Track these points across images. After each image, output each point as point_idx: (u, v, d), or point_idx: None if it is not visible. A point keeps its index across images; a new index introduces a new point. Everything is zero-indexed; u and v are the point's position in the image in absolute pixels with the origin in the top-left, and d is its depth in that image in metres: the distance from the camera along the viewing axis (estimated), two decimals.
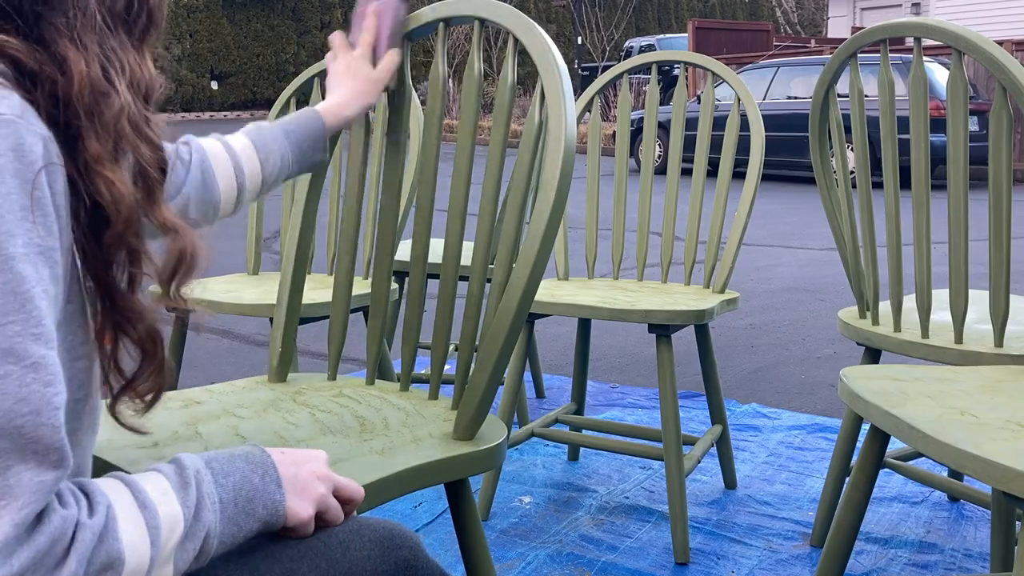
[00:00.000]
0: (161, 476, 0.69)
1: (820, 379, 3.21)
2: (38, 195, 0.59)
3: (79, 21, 0.67)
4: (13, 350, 0.56)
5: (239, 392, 1.28)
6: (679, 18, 29.00)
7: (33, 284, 0.58)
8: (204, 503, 0.69)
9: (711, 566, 1.83)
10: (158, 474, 0.69)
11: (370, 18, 1.26)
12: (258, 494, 0.74)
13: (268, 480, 0.75)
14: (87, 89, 0.66)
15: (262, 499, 0.74)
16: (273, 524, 0.76)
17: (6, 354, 0.56)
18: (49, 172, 0.61)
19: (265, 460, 0.76)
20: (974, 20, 16.90)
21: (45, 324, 0.59)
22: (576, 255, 5.79)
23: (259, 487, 0.74)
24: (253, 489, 0.74)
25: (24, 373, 0.57)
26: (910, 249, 5.95)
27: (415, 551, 0.82)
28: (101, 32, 0.69)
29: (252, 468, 0.75)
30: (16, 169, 0.58)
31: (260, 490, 0.74)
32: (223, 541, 0.71)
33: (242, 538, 0.73)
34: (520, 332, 1.09)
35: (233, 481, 0.73)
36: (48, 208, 0.60)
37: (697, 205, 2.19)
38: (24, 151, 0.59)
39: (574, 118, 1.11)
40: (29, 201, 0.58)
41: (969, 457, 0.97)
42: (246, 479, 0.74)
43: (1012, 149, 1.52)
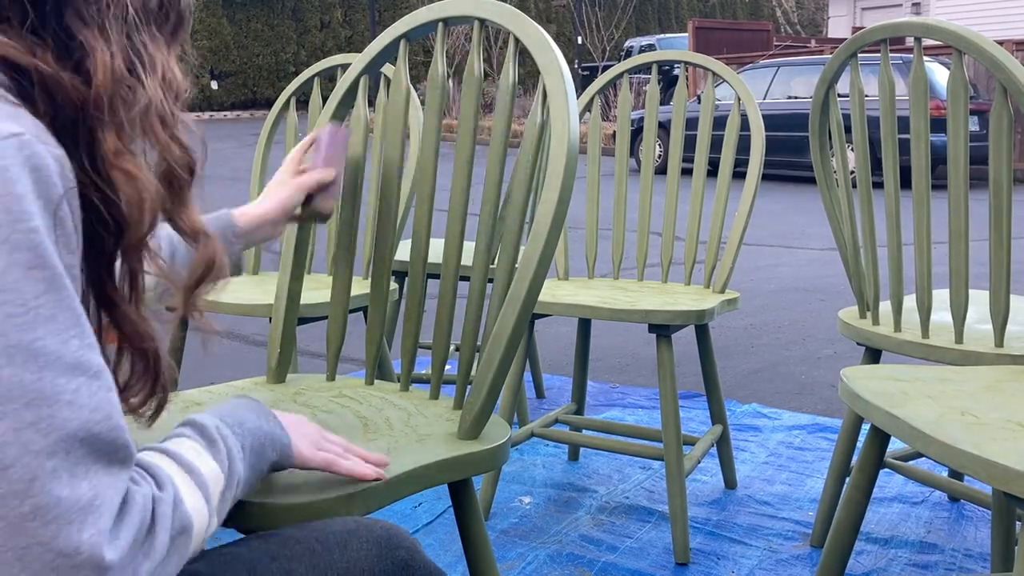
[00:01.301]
0: (188, 439, 0.74)
1: (820, 379, 3.21)
2: (60, 215, 0.60)
3: (110, 11, 0.67)
4: (79, 363, 0.59)
5: (239, 393, 1.28)
6: (679, 18, 29.00)
7: (75, 297, 0.60)
8: (233, 454, 0.76)
9: (711, 566, 1.83)
10: (184, 438, 0.74)
11: (304, 141, 1.27)
12: (267, 438, 0.82)
13: (274, 424, 0.84)
14: (110, 81, 0.66)
15: (271, 442, 0.83)
16: (281, 464, 0.85)
17: (74, 368, 0.58)
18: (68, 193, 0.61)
19: (262, 406, 0.85)
20: (974, 20, 16.90)
21: (92, 333, 0.61)
22: (576, 255, 5.79)
23: (267, 431, 0.82)
24: (264, 434, 0.82)
25: (91, 382, 0.59)
26: (910, 249, 5.95)
27: (412, 551, 0.83)
28: (132, 25, 0.69)
29: (257, 415, 0.83)
30: (38, 191, 0.58)
31: (268, 434, 0.82)
32: (247, 486, 0.79)
33: (256, 480, 0.81)
34: (524, 332, 1.09)
35: (247, 428, 0.80)
36: (69, 226, 0.61)
37: (697, 205, 2.19)
38: (44, 171, 0.59)
39: (577, 118, 1.11)
40: (53, 221, 0.59)
41: (969, 457, 0.97)
42: (257, 426, 0.81)
43: (1012, 149, 1.52)
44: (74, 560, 0.56)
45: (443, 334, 1.24)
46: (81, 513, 0.57)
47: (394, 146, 1.33)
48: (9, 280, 0.56)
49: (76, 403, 0.58)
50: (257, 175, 2.39)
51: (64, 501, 0.56)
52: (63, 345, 0.58)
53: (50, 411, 0.56)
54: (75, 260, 0.62)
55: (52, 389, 0.57)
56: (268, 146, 2.41)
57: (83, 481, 0.57)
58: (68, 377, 0.58)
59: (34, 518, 0.55)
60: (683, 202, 7.74)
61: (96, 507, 0.58)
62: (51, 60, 0.64)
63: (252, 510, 0.86)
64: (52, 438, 0.56)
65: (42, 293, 0.57)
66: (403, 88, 1.33)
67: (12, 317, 0.56)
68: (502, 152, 1.21)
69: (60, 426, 0.57)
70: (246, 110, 23.06)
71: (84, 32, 0.65)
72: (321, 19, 24.53)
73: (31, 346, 0.56)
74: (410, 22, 1.31)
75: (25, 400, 0.56)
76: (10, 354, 0.56)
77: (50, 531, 0.55)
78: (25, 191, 0.57)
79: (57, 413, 0.57)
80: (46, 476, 0.55)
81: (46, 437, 0.56)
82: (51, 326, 0.58)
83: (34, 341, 0.57)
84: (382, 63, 1.36)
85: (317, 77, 2.30)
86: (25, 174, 0.58)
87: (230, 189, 8.82)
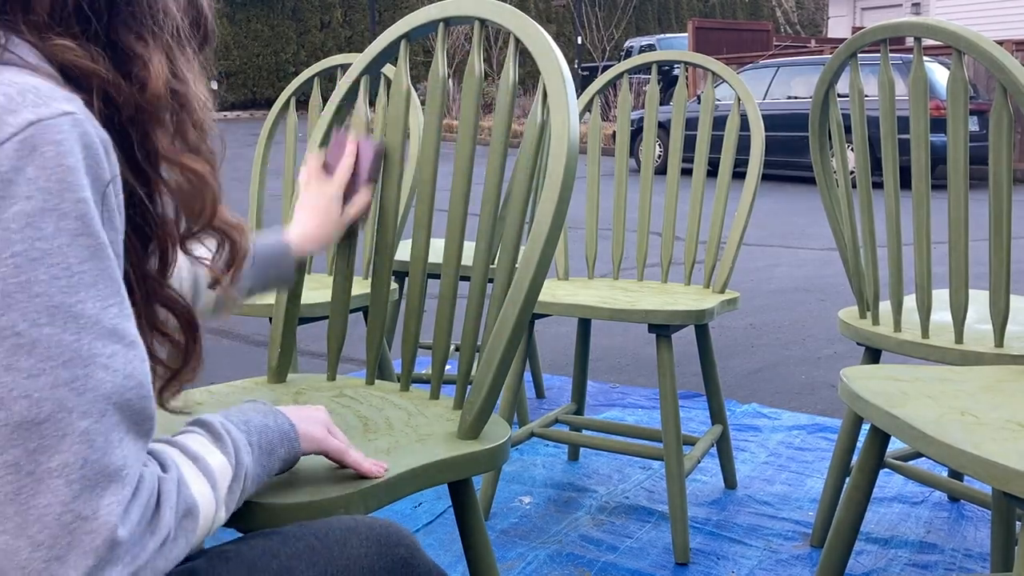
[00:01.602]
0: (195, 434, 0.77)
1: (820, 379, 3.21)
2: (107, 192, 0.63)
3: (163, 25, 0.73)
4: (116, 330, 0.62)
5: (239, 393, 1.28)
6: (679, 18, 29.00)
7: (117, 269, 0.63)
8: (240, 447, 0.78)
9: (711, 566, 1.83)
10: (192, 434, 0.77)
11: (348, 157, 1.26)
12: (275, 435, 0.84)
13: (280, 421, 0.86)
14: (164, 89, 0.71)
15: (279, 439, 0.85)
16: (290, 460, 0.87)
17: (111, 334, 0.61)
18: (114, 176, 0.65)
19: (269, 407, 0.87)
20: (974, 20, 16.90)
21: (130, 306, 0.64)
22: (576, 255, 5.79)
23: (274, 428, 0.84)
24: (270, 431, 0.84)
25: (127, 351, 0.62)
26: (910, 249, 5.95)
27: (412, 549, 0.83)
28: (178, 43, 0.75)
29: (263, 415, 0.85)
30: (88, 166, 0.62)
31: (275, 431, 0.84)
32: (255, 481, 0.81)
33: (266, 477, 0.83)
34: (525, 330, 1.09)
35: (253, 426, 0.82)
36: (112, 205, 0.64)
37: (697, 205, 2.19)
38: (94, 149, 0.63)
39: (577, 118, 1.11)
40: (100, 197, 0.63)
41: (969, 457, 0.97)
42: (263, 424, 0.84)
43: (1012, 149, 1.52)
44: (90, 524, 0.58)
45: (443, 334, 1.24)
46: (107, 479, 0.59)
47: (394, 146, 1.33)
48: (56, 244, 0.59)
49: (111, 367, 0.60)
50: (257, 175, 2.39)
51: (90, 463, 0.58)
52: (103, 311, 0.61)
53: (85, 371, 0.59)
54: (118, 238, 0.65)
55: (89, 351, 0.60)
56: (268, 146, 2.41)
57: (117, 448, 0.60)
58: (105, 341, 0.60)
59: (60, 474, 0.57)
60: (683, 202, 7.74)
61: (122, 477, 0.60)
62: (109, 66, 0.69)
63: (252, 510, 0.86)
64: (87, 398, 0.59)
65: (86, 259, 0.60)
66: (403, 88, 1.33)
67: (56, 279, 0.59)
68: (502, 152, 1.21)
69: (95, 387, 0.59)
70: (246, 110, 23.05)
71: (138, 44, 0.70)
72: (321, 19, 24.53)
73: (72, 308, 0.59)
74: (410, 22, 1.31)
75: (63, 359, 0.58)
76: (52, 313, 0.59)
77: (72, 491, 0.57)
78: (77, 164, 0.61)
79: (93, 374, 0.59)
80: (77, 436, 0.58)
81: (80, 396, 0.58)
82: (92, 291, 0.60)
83: (76, 304, 0.60)
84: (383, 63, 1.36)
85: (317, 77, 2.30)
86: (78, 149, 0.61)
87: (230, 189, 8.79)
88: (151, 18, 0.72)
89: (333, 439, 0.92)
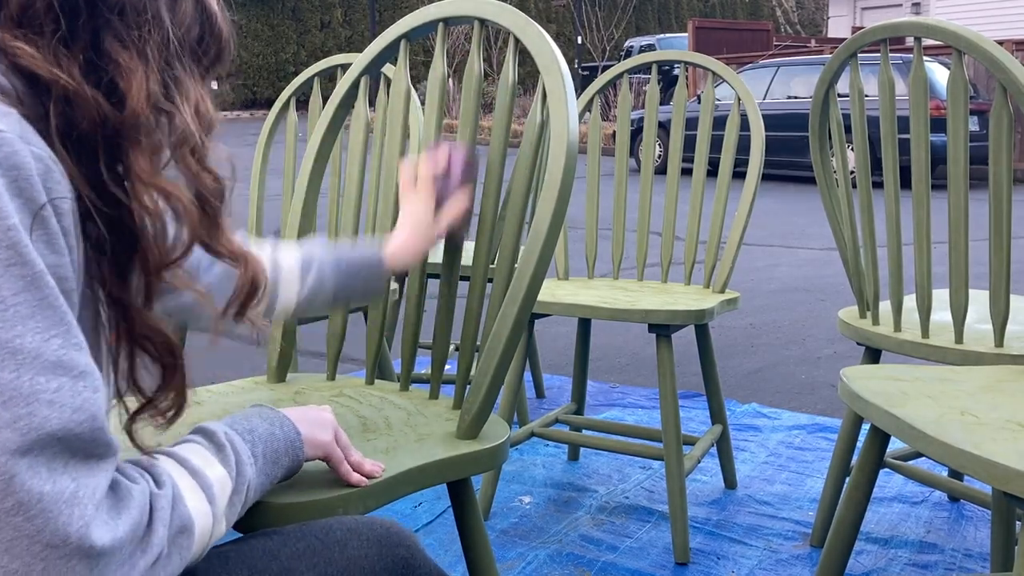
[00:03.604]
0: (196, 444, 0.75)
1: (820, 379, 3.21)
2: (43, 214, 0.59)
3: (152, 37, 0.67)
4: (61, 362, 0.58)
5: (239, 392, 1.28)
6: (679, 18, 29.00)
7: (59, 296, 0.59)
8: (242, 458, 0.77)
9: (711, 566, 1.83)
10: (192, 443, 0.75)
11: (435, 165, 1.21)
12: (280, 444, 0.83)
13: (286, 428, 0.85)
14: (145, 104, 0.66)
15: (285, 448, 0.84)
16: (293, 469, 0.86)
17: (55, 367, 0.58)
18: (54, 193, 0.60)
19: (276, 413, 0.86)
20: (974, 20, 16.90)
21: (79, 333, 0.61)
22: (576, 255, 5.79)
23: (280, 437, 0.83)
24: (275, 440, 0.83)
25: (75, 382, 0.58)
26: (910, 249, 5.95)
27: (412, 549, 0.83)
28: (172, 54, 0.70)
29: (269, 422, 0.84)
30: (15, 190, 0.58)
31: (281, 439, 0.83)
32: (257, 492, 0.80)
33: (269, 485, 0.82)
34: (524, 331, 1.09)
35: (258, 435, 0.81)
36: (52, 226, 0.60)
37: (697, 205, 2.19)
38: (22, 169, 0.58)
39: (576, 118, 1.11)
40: (31, 219, 0.58)
41: (969, 457, 0.97)
42: (268, 432, 0.82)
43: (1012, 149, 1.52)
44: (62, 551, 0.56)
45: (443, 334, 1.24)
46: (65, 506, 0.57)
47: (394, 146, 1.33)
48: None
49: (56, 403, 0.57)
50: (257, 175, 2.39)
51: (46, 496, 0.56)
52: (44, 343, 0.57)
53: (28, 410, 0.56)
54: (62, 260, 0.61)
55: (31, 388, 0.56)
56: (268, 146, 2.41)
57: (63, 475, 0.57)
58: (48, 376, 0.57)
59: (16, 513, 0.55)
60: (683, 202, 7.73)
61: (79, 498, 0.58)
62: (76, 74, 0.64)
63: (251, 510, 0.86)
64: (30, 437, 0.56)
65: (20, 291, 0.57)
66: (403, 88, 1.33)
67: None
68: (502, 152, 1.21)
69: (39, 425, 0.56)
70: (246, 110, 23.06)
71: (123, 54, 0.66)
72: (321, 19, 24.53)
73: (9, 344, 0.56)
74: (410, 22, 1.31)
75: (2, 399, 0.55)
76: None
77: (35, 525, 0.55)
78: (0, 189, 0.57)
79: (36, 412, 0.56)
80: (24, 473, 0.55)
81: (24, 436, 0.55)
82: (30, 323, 0.57)
83: (13, 339, 0.56)
84: (382, 63, 1.36)
85: (317, 77, 2.30)
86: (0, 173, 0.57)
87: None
88: (137, 27, 0.67)
89: (337, 447, 0.91)
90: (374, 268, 1.17)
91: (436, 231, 1.20)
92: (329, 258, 1.15)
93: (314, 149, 1.37)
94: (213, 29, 0.74)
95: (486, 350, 1.10)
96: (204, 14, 0.73)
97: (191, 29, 0.72)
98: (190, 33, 0.72)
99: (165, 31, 0.69)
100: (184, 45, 0.71)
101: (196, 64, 0.73)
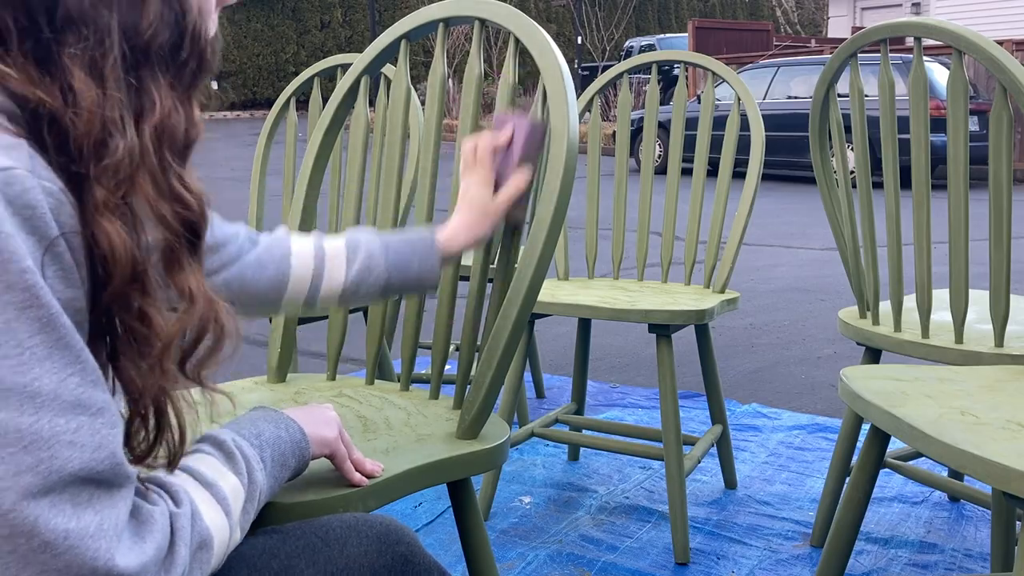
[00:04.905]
0: (206, 455, 0.74)
1: (820, 379, 3.21)
2: (57, 250, 0.58)
3: (97, 49, 0.62)
4: (79, 401, 0.58)
5: (239, 393, 1.28)
6: (679, 18, 29.00)
7: (75, 334, 0.58)
8: (252, 466, 0.77)
9: (711, 566, 1.83)
10: (202, 454, 0.75)
11: (499, 137, 1.12)
12: (286, 446, 0.83)
13: (292, 430, 0.85)
14: (95, 128, 0.61)
15: (291, 449, 0.84)
16: (300, 469, 0.87)
17: (74, 406, 0.57)
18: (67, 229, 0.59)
19: (281, 415, 0.86)
20: (974, 20, 16.90)
21: (96, 369, 0.60)
22: (576, 255, 5.79)
23: (286, 439, 0.83)
24: (282, 442, 0.83)
25: (93, 420, 0.58)
26: (910, 249, 5.95)
27: (412, 547, 0.83)
28: (130, 65, 0.64)
29: (275, 424, 0.83)
30: (28, 227, 0.56)
31: (287, 441, 0.83)
32: (268, 495, 0.80)
33: (278, 488, 0.82)
34: (524, 331, 1.09)
35: (265, 439, 0.81)
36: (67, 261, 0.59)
37: (697, 205, 2.19)
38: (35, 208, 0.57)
39: (576, 118, 1.11)
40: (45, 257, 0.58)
41: (969, 457, 0.97)
42: (275, 435, 0.82)
43: (1012, 149, 1.52)
44: None
45: (443, 334, 1.24)
46: (92, 540, 0.57)
47: (394, 146, 1.33)
48: (1, 321, 0.55)
49: (77, 443, 0.57)
50: (257, 175, 2.39)
51: (72, 533, 0.56)
52: (61, 384, 0.57)
53: (49, 453, 0.56)
54: (78, 294, 0.60)
55: (51, 430, 0.56)
56: (268, 146, 2.41)
57: (86, 510, 0.57)
58: (68, 417, 0.57)
59: (44, 551, 0.55)
60: (683, 202, 7.74)
61: (104, 530, 0.58)
62: (56, 93, 0.61)
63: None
64: (52, 479, 0.56)
65: (36, 332, 0.56)
66: (403, 88, 1.33)
67: (6, 359, 0.55)
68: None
69: (60, 468, 0.56)
70: (246, 110, 23.06)
71: (73, 72, 0.61)
72: (321, 19, 24.53)
73: (27, 388, 0.55)
74: (410, 22, 1.31)
75: (23, 444, 0.55)
76: (6, 397, 0.55)
77: (63, 561, 0.56)
78: (13, 230, 0.55)
79: (57, 454, 0.56)
80: (47, 513, 0.55)
81: (46, 479, 0.55)
82: (47, 364, 0.56)
83: (31, 382, 0.56)
84: (383, 63, 1.36)
85: (317, 77, 2.30)
86: (11, 212, 0.56)
87: (230, 189, 8.82)
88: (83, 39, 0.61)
89: (341, 444, 0.91)
90: (428, 252, 1.08)
91: (494, 212, 1.10)
92: (378, 241, 1.08)
93: (314, 149, 1.37)
94: (189, 31, 0.67)
95: (486, 350, 1.10)
96: (177, 16, 0.66)
97: (158, 35, 0.65)
98: (156, 39, 0.65)
99: (113, 42, 0.62)
100: (148, 53, 0.65)
101: (170, 73, 0.67)
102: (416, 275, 1.09)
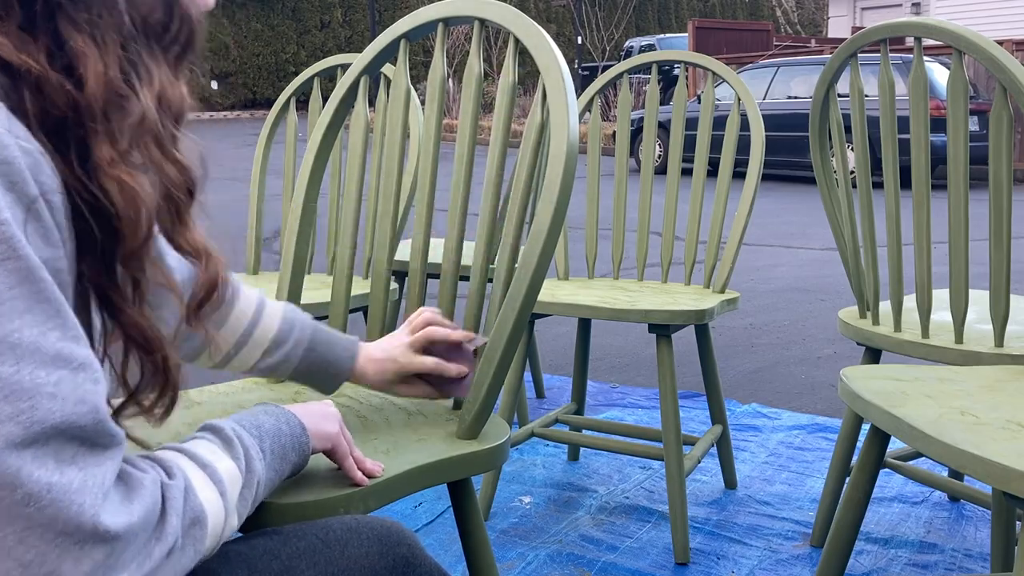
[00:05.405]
0: (205, 440, 0.75)
1: (820, 379, 3.21)
2: (36, 208, 0.59)
3: (104, 19, 0.65)
4: (60, 355, 0.58)
5: (239, 393, 1.28)
6: (679, 18, 29.00)
7: (55, 289, 0.59)
8: (251, 455, 0.77)
9: (711, 566, 1.83)
10: (201, 439, 0.75)
11: (455, 336, 1.15)
12: (287, 439, 0.84)
13: (292, 424, 0.85)
14: (102, 88, 0.64)
15: (291, 443, 0.84)
16: (301, 464, 0.87)
17: (55, 359, 0.57)
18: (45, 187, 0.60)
19: (282, 410, 0.86)
20: (974, 20, 16.91)
21: (77, 325, 0.60)
22: (576, 255, 5.79)
23: (286, 432, 0.84)
24: (282, 435, 0.83)
25: (75, 375, 0.58)
26: (910, 249, 5.95)
27: (413, 548, 0.83)
28: (129, 36, 0.68)
29: (276, 418, 0.84)
30: (6, 183, 0.57)
31: (287, 435, 0.84)
32: (267, 487, 0.80)
33: (278, 481, 0.83)
34: (524, 331, 1.09)
35: (265, 431, 0.81)
36: (47, 219, 0.60)
37: (697, 205, 2.19)
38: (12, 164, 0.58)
39: (576, 118, 1.11)
40: (25, 214, 0.58)
41: (969, 457, 0.97)
42: (275, 427, 0.83)
43: (1012, 149, 1.52)
44: (76, 537, 0.56)
45: None
46: (76, 495, 0.57)
47: (394, 146, 1.33)
48: None
49: (58, 395, 0.57)
50: (257, 175, 2.39)
51: (55, 486, 0.56)
52: (41, 337, 0.57)
53: (30, 403, 0.56)
54: (57, 253, 0.61)
55: (31, 381, 0.56)
56: (268, 146, 2.41)
57: (70, 466, 0.57)
58: (49, 369, 0.57)
59: (27, 504, 0.55)
60: (683, 202, 7.74)
61: (88, 487, 0.58)
62: (43, 59, 0.63)
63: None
64: (34, 430, 0.56)
65: (16, 285, 0.56)
66: (403, 88, 1.33)
67: None
68: (502, 152, 1.21)
69: (42, 419, 0.56)
70: (246, 110, 23.06)
71: (76, 38, 0.64)
72: (321, 19, 24.54)
73: (7, 339, 0.56)
74: (410, 22, 1.31)
75: (3, 393, 0.55)
76: None
77: (47, 514, 0.56)
78: None
79: (39, 405, 0.56)
80: (30, 465, 0.55)
81: (27, 429, 0.55)
82: (28, 318, 0.57)
83: (11, 334, 0.56)
84: (382, 63, 1.36)
85: (317, 77, 2.30)
86: None
87: (229, 190, 8.82)
88: (87, 9, 0.65)
89: (343, 440, 0.91)
90: (340, 374, 1.14)
91: (405, 366, 1.13)
92: (305, 341, 1.11)
93: (314, 149, 1.37)
94: (178, 11, 0.71)
95: (486, 351, 1.10)
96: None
97: (153, 11, 0.69)
98: (152, 16, 0.69)
99: (119, 13, 0.66)
100: (145, 28, 0.69)
101: (161, 48, 0.70)
102: (318, 384, 1.15)
